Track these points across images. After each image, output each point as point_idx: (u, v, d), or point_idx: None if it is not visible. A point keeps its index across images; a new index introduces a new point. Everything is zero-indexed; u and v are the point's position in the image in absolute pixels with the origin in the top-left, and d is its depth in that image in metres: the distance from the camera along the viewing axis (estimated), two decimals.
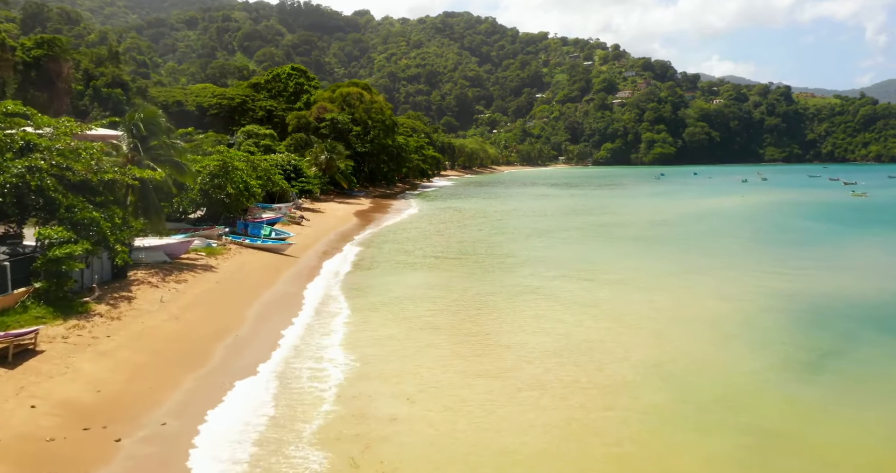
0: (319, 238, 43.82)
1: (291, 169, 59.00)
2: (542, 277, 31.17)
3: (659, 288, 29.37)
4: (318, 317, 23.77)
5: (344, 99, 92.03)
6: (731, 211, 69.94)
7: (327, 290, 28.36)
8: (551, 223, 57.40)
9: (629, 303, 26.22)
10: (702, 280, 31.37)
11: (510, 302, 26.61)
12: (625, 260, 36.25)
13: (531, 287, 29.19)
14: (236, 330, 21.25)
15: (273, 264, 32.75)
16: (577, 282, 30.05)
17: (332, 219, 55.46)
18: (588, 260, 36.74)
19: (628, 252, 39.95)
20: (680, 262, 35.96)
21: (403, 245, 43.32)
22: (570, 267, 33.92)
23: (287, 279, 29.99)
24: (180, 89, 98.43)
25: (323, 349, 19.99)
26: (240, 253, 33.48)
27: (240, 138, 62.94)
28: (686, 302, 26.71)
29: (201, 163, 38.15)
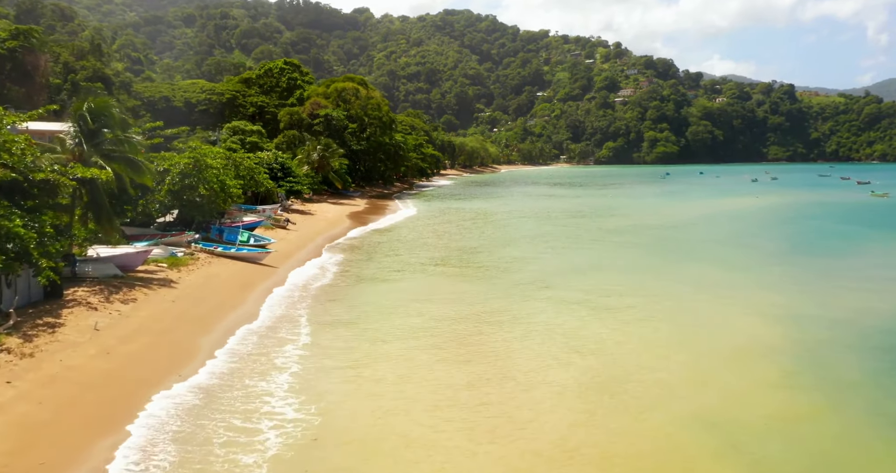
0: (305, 243, 39.65)
1: (279, 167, 54.81)
2: (555, 295, 26.85)
3: (693, 310, 25.16)
4: (281, 347, 19.59)
5: (339, 94, 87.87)
6: (749, 213, 65.72)
7: (300, 310, 24.14)
8: (559, 227, 53.13)
9: (660, 330, 22.01)
10: (741, 299, 26.87)
11: (519, 326, 22.44)
12: (647, 274, 31.82)
13: (543, 306, 25.00)
14: (182, 367, 17.10)
15: (247, 276, 28.59)
16: (596, 303, 25.60)
17: (322, 222, 51.30)
18: (605, 273, 32.07)
19: (649, 264, 35.29)
20: (711, 277, 31.36)
21: (397, 252, 39.16)
22: (586, 283, 29.15)
23: (260, 295, 25.80)
24: (168, 84, 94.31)
25: (269, 396, 15.75)
26: (209, 263, 29.32)
27: (224, 135, 58.75)
28: (729, 329, 22.40)
29: (170, 161, 34.06)
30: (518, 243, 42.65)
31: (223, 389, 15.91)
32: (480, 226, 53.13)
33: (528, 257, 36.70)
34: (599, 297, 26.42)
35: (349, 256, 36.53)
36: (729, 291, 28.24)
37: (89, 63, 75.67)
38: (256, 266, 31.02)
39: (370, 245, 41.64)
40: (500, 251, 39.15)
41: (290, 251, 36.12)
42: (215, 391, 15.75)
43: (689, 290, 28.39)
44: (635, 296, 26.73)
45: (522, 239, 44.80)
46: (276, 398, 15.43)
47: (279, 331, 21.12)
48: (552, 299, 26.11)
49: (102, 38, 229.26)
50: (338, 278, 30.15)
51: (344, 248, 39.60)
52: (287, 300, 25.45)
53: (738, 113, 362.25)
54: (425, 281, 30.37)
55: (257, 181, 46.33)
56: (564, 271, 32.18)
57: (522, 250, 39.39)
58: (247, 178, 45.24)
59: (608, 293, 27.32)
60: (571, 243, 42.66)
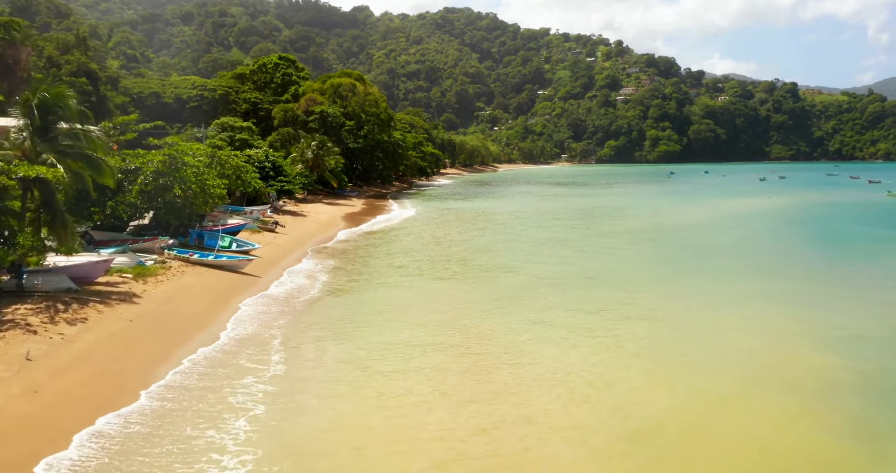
0: (293, 248, 36.54)
1: (270, 166, 51.67)
2: (568, 318, 23.42)
3: (729, 327, 22.09)
4: (242, 379, 16.49)
5: (335, 90, 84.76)
6: (765, 214, 62.48)
7: (276, 329, 21.00)
8: (566, 230, 49.85)
9: (699, 363, 18.64)
10: (783, 317, 23.19)
11: (528, 355, 19.33)
12: (669, 287, 28.50)
13: (556, 332, 21.83)
14: (118, 405, 14.00)
15: (223, 288, 25.51)
16: (620, 322, 22.35)
17: (315, 224, 48.18)
18: (619, 287, 28.27)
19: (670, 274, 31.61)
20: (743, 290, 27.63)
21: (393, 258, 36.01)
22: (600, 301, 25.48)
23: (235, 310, 22.70)
24: (158, 80, 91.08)
25: (216, 452, 12.55)
26: (183, 272, 26.23)
27: (212, 131, 55.63)
28: (778, 358, 19.21)
29: (143, 159, 30.98)
30: (522, 249, 39.25)
31: (153, 441, 12.67)
32: (482, 229, 50.00)
33: (533, 266, 33.11)
34: (619, 321, 23.01)
35: (340, 263, 33.38)
36: (769, 308, 24.96)
37: (74, 57, 72.51)
38: (236, 275, 27.93)
39: (364, 250, 38.50)
40: (502, 257, 35.90)
41: (275, 257, 33.02)
42: (139, 444, 12.50)
43: (724, 303, 25.26)
44: (658, 320, 23.46)
45: (527, 243, 41.41)
46: (226, 455, 12.25)
47: (245, 357, 17.93)
48: (565, 324, 22.90)
49: (97, 35, 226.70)
50: (325, 289, 27.01)
51: (335, 254, 36.45)
52: (264, 316, 22.33)
53: (740, 111, 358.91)
54: (422, 293, 27.25)
55: (244, 181, 43.22)
56: (574, 285, 28.81)
57: (527, 257, 35.99)
58: (232, 178, 42.16)
59: (630, 313, 24.00)
60: (581, 249, 39.04)
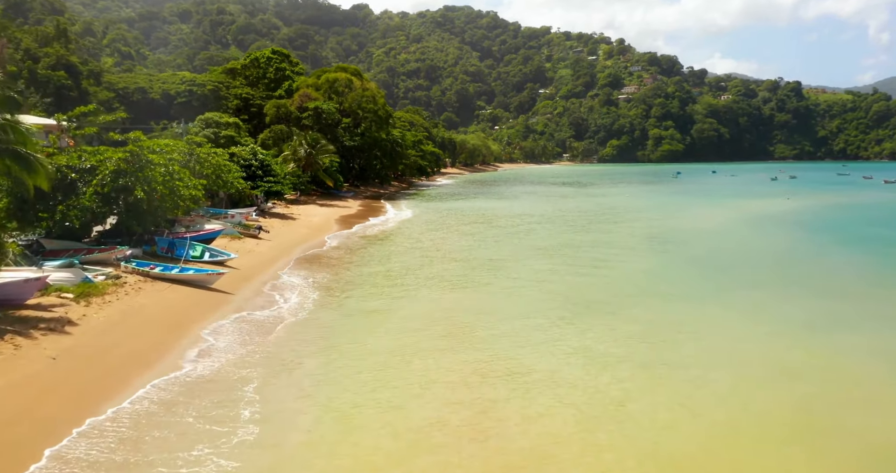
0: (277, 257, 32.48)
1: (257, 165, 47.58)
2: (592, 346, 19.39)
3: (800, 362, 18.11)
4: (190, 449, 12.45)
5: (331, 86, 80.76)
6: (789, 217, 58.26)
7: (245, 369, 16.96)
8: (578, 233, 45.59)
9: (750, 421, 14.82)
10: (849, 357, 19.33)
11: (544, 397, 15.35)
12: (705, 310, 24.21)
13: (578, 366, 17.85)
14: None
15: (185, 310, 21.48)
16: (646, 357, 18.44)
17: (305, 229, 44.08)
18: (647, 306, 24.11)
19: (704, 292, 26.92)
20: (803, 312, 23.66)
21: (389, 269, 31.89)
22: (626, 326, 21.32)
23: (194, 340, 18.69)
24: (145, 75, 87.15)
25: None
26: (138, 290, 22.22)
27: (196, 128, 51.59)
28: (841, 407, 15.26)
29: (100, 156, 26.98)
30: (530, 257, 35.02)
31: None
32: (485, 234, 45.87)
33: (545, 280, 28.79)
34: (651, 350, 19.13)
35: (330, 277, 29.28)
36: (831, 339, 20.96)
37: (53, 50, 68.62)
38: (204, 292, 23.91)
39: (358, 260, 34.39)
40: (508, 269, 31.66)
41: (254, 268, 28.96)
42: None
43: (791, 332, 21.24)
44: (704, 351, 19.51)
45: (536, 251, 37.09)
46: None
47: (198, 412, 13.90)
48: (587, 351, 18.96)
49: (91, 32, 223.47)
50: (311, 311, 22.92)
51: (325, 264, 32.34)
52: (234, 348, 18.28)
53: (743, 110, 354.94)
54: (421, 314, 23.17)
55: (225, 181, 39.17)
56: (592, 306, 24.77)
57: (537, 268, 31.61)
58: (212, 178, 38.15)
59: (663, 342, 19.97)
60: (595, 259, 34.28)
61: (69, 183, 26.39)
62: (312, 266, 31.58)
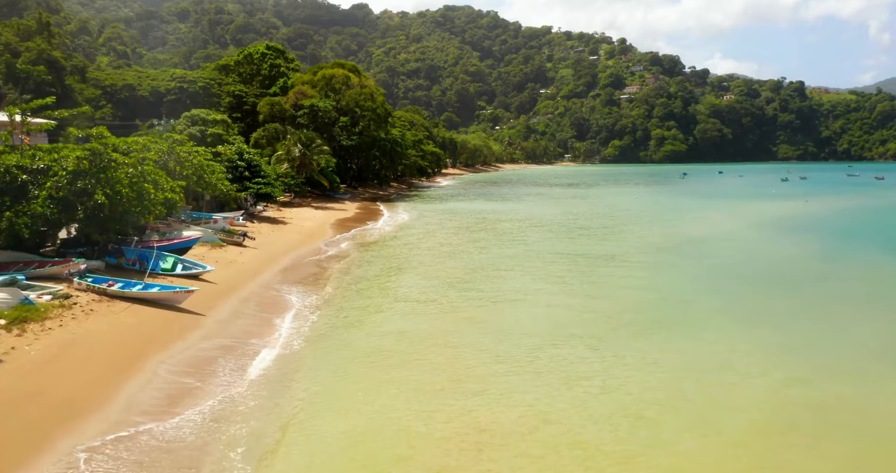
0: (261, 269, 28.94)
1: (244, 165, 44.04)
2: (622, 398, 15.82)
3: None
4: None
5: (327, 83, 77.24)
6: (812, 222, 54.50)
7: (205, 435, 13.46)
8: (592, 241, 41.83)
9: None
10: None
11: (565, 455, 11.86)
12: (763, 334, 20.36)
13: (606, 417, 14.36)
14: None
15: (140, 339, 17.96)
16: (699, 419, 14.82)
17: (296, 234, 40.54)
18: (679, 336, 20.22)
19: (742, 315, 23.20)
20: (872, 341, 20.08)
21: (386, 287, 28.33)
22: (682, 363, 17.81)
23: (146, 382, 15.19)
24: (134, 72, 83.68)
25: None
26: (89, 313, 18.73)
27: (181, 125, 48.11)
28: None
29: (55, 155, 23.52)
30: (540, 271, 30.99)
31: None
32: (491, 241, 42.34)
33: (556, 304, 23.98)
34: (699, 391, 15.66)
35: (319, 293, 25.79)
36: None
37: (34, 44, 65.12)
38: (170, 313, 20.41)
39: (353, 272, 30.86)
40: (515, 286, 27.81)
41: (234, 282, 25.45)
42: None
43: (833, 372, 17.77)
44: (771, 395, 16.03)
45: (546, 264, 33.12)
46: None
47: None
48: (618, 396, 15.50)
49: (87, 31, 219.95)
50: (295, 342, 19.38)
51: (315, 278, 28.77)
52: (194, 394, 14.82)
53: (746, 110, 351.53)
54: (422, 344, 19.65)
55: (208, 182, 35.69)
56: (623, 328, 21.26)
57: (549, 284, 27.78)
58: (192, 179, 34.68)
59: (712, 384, 16.49)
60: (618, 272, 29.97)
61: (19, 185, 22.92)
62: (301, 279, 28.04)
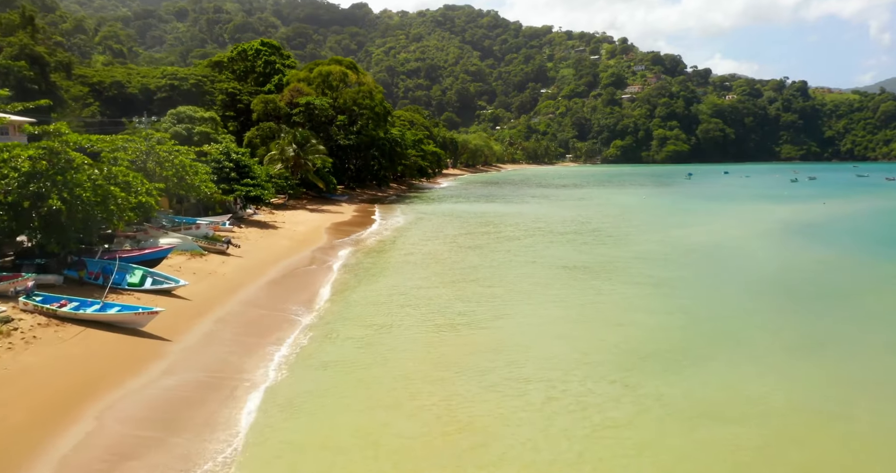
0: (245, 282, 25.90)
1: (232, 166, 40.98)
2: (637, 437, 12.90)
3: None
4: None
5: (324, 80, 74.24)
6: (839, 225, 51.20)
7: None
8: (612, 248, 38.34)
9: None
10: None
11: None
12: (819, 366, 17.67)
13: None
14: None
15: (91, 374, 14.98)
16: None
17: (286, 240, 37.50)
18: (736, 367, 17.30)
19: (802, 334, 20.52)
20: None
21: (378, 302, 25.34)
22: (720, 400, 14.99)
23: (82, 439, 12.20)
24: (123, 69, 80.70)
25: None
26: (32, 341, 15.77)
27: (166, 123, 45.11)
28: None
29: (7, 153, 20.58)
30: (550, 286, 27.57)
31: None
32: (497, 250, 39.34)
33: (576, 335, 20.18)
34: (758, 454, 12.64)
35: (310, 311, 22.82)
36: None
37: (17, 39, 62.07)
38: (133, 339, 17.44)
39: (348, 285, 27.86)
40: (524, 303, 24.93)
41: (210, 298, 22.43)
42: None
43: None
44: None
45: (559, 281, 29.11)
46: None
47: None
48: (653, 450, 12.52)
49: (83, 29, 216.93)
50: (282, 374, 16.47)
51: (304, 293, 25.75)
52: (140, 453, 11.85)
53: (749, 110, 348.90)
54: (425, 378, 16.79)
55: (189, 184, 32.69)
56: (651, 358, 18.29)
57: (563, 310, 23.89)
58: (173, 181, 31.71)
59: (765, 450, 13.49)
60: (642, 292, 26.04)
61: None
62: (289, 293, 25.04)
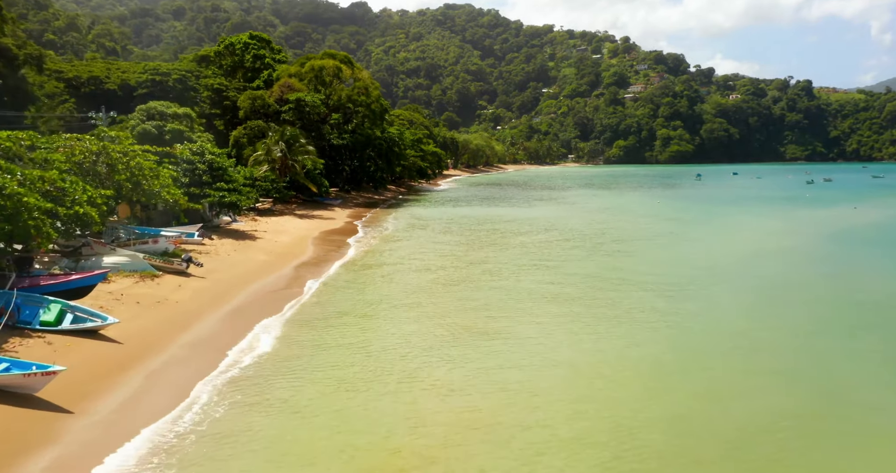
0: (201, 313, 20.87)
1: (204, 168, 35.93)
2: None
3: None
4: None
5: (316, 75, 69.26)
6: (885, 233, 46.66)
7: None
8: (644, 265, 33.10)
9: None
10: None
11: None
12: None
13: None
14: None
15: None
16: None
17: (263, 255, 32.42)
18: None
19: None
20: None
21: (361, 340, 20.51)
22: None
23: None
24: (103, 63, 75.85)
25: None
26: None
27: (134, 120, 40.17)
28: None
29: None
30: (572, 311, 23.34)
31: None
32: (507, 267, 34.41)
33: (588, 391, 15.75)
34: None
35: (277, 357, 17.90)
36: None
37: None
38: (18, 411, 12.56)
39: (328, 320, 22.90)
40: (537, 334, 20.14)
41: (150, 340, 17.41)
42: None
43: None
44: None
45: (580, 302, 25.34)
46: None
47: None
48: None
49: (76, 27, 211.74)
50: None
51: (272, 329, 20.82)
52: None
53: (753, 110, 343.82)
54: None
55: (148, 190, 27.72)
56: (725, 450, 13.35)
57: (583, 337, 19.87)
58: (127, 186, 26.80)
59: None
60: (698, 326, 21.02)
61: None
62: (252, 328, 20.10)
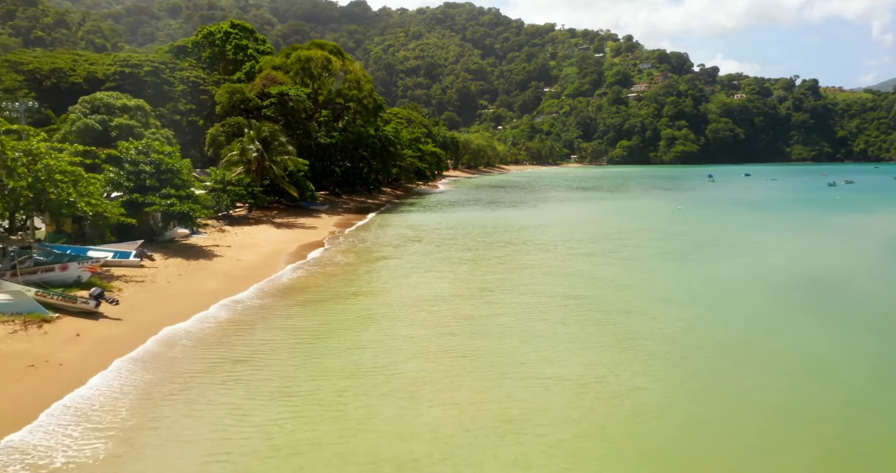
0: (93, 369, 14.77)
1: (151, 171, 29.54)
2: None
3: None
4: None
5: (303, 67, 63.03)
6: None
7: None
8: (710, 295, 27.60)
9: None
10: None
11: None
12: None
13: None
14: None
15: None
16: None
17: (216, 281, 25.95)
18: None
19: None
20: None
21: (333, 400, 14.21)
22: None
23: None
24: (69, 54, 69.67)
25: None
26: None
27: (76, 113, 33.89)
28: None
29: None
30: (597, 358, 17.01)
31: None
32: (519, 289, 28.13)
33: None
34: None
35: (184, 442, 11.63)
36: None
37: None
38: None
39: (268, 381, 16.56)
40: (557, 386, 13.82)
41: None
42: None
43: None
44: None
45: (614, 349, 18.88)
46: None
47: None
48: None
49: (65, 23, 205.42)
50: None
51: (191, 402, 14.60)
52: None
53: (759, 110, 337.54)
54: None
55: (57, 200, 21.48)
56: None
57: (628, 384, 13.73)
58: (27, 195, 20.56)
59: None
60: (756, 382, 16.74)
61: None
62: (166, 402, 13.91)
